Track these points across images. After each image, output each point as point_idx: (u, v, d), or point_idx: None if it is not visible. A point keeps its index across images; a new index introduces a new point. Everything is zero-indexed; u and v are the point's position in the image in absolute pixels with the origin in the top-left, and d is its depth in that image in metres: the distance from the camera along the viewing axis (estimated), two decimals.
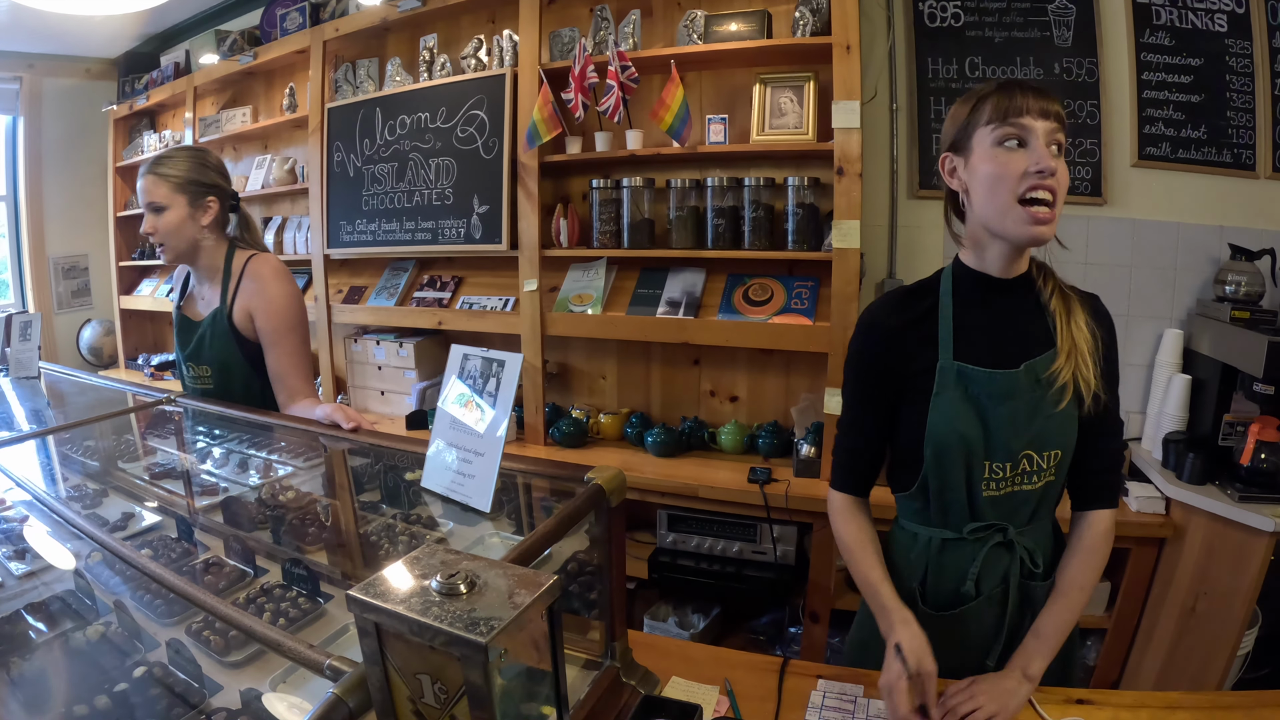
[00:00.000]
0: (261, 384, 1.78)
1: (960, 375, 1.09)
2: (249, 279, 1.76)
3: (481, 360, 0.92)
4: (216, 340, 1.77)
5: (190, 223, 1.74)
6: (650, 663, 1.09)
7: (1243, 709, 1.06)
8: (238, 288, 1.76)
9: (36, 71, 4.15)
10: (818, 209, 2.43)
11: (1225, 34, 2.29)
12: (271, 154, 3.70)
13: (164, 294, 4.22)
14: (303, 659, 0.59)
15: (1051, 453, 1.10)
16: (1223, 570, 1.91)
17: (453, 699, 0.46)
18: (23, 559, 1.33)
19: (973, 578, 1.12)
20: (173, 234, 1.73)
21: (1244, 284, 2.16)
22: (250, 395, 1.78)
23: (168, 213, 1.71)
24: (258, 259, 1.80)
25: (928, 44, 2.49)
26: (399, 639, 0.47)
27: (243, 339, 1.76)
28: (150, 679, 1.06)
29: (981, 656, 1.15)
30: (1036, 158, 1.01)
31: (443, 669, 0.46)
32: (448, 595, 0.48)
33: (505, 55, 2.78)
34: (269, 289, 1.75)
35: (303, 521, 1.47)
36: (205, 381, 1.82)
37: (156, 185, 1.70)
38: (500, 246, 2.77)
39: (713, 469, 2.48)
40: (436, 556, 0.53)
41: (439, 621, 0.45)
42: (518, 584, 0.50)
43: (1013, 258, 1.10)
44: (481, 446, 0.91)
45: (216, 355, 1.77)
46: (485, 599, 0.48)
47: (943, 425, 1.08)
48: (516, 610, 0.46)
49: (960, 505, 1.12)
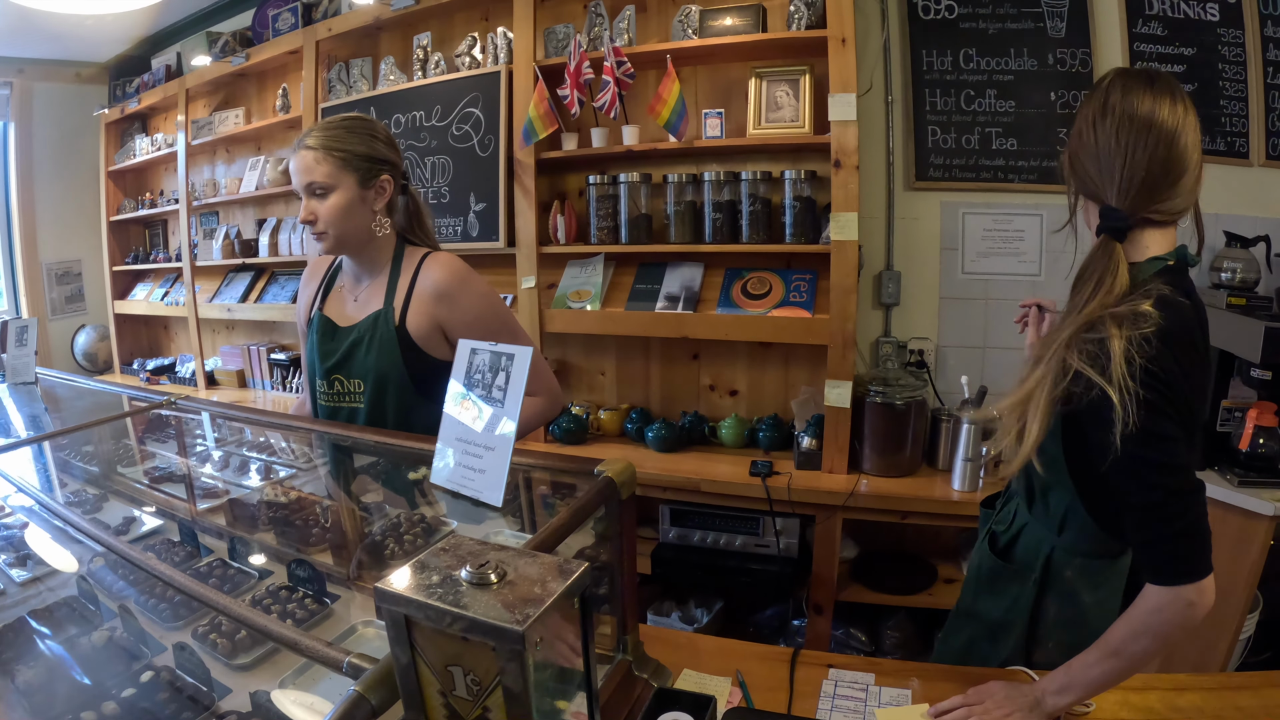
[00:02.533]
0: (415, 405, 1.49)
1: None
2: (430, 284, 1.47)
3: (490, 354, 0.92)
4: (379, 349, 1.47)
5: (362, 206, 1.45)
6: (660, 656, 1.09)
7: (1250, 689, 1.07)
8: (411, 291, 1.48)
9: (27, 76, 4.12)
10: (815, 202, 2.44)
11: (1217, 23, 2.30)
12: (265, 155, 3.68)
13: (159, 298, 4.20)
14: (321, 657, 0.58)
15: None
16: (1223, 555, 1.89)
17: (486, 690, 0.46)
18: (24, 566, 1.33)
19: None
20: (341, 220, 1.43)
21: (1239, 271, 2.17)
22: (401, 417, 1.49)
23: (334, 195, 1.42)
24: (435, 259, 1.50)
25: (922, 36, 2.49)
26: (429, 630, 0.47)
27: (414, 352, 1.47)
28: (158, 683, 1.05)
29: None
30: None
31: (476, 660, 0.46)
32: (478, 585, 0.48)
33: (500, 52, 2.77)
34: (464, 299, 1.47)
35: (306, 522, 1.46)
36: (355, 399, 1.51)
37: (319, 162, 1.41)
38: (498, 244, 2.77)
39: (714, 463, 2.48)
40: (463, 547, 0.52)
41: (472, 611, 0.45)
42: (547, 572, 0.49)
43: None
44: (492, 441, 0.91)
45: (375, 367, 1.47)
46: (517, 588, 0.47)
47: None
48: (551, 597, 0.46)
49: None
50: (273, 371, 3.73)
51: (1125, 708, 1.02)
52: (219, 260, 3.79)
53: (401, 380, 1.47)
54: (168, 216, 4.24)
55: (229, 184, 3.79)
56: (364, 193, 1.45)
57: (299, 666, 1.02)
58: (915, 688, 1.07)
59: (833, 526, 2.26)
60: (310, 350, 1.57)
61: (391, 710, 0.54)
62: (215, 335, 4.08)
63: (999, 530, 1.23)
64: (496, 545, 0.53)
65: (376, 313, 1.49)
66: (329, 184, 1.42)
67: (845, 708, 1.03)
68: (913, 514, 2.22)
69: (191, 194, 3.86)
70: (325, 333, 1.54)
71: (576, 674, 0.54)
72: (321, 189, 1.42)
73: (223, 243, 3.77)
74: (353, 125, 1.46)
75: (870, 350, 2.65)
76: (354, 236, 1.47)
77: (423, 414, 1.46)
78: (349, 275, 1.57)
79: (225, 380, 3.88)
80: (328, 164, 1.41)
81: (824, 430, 2.37)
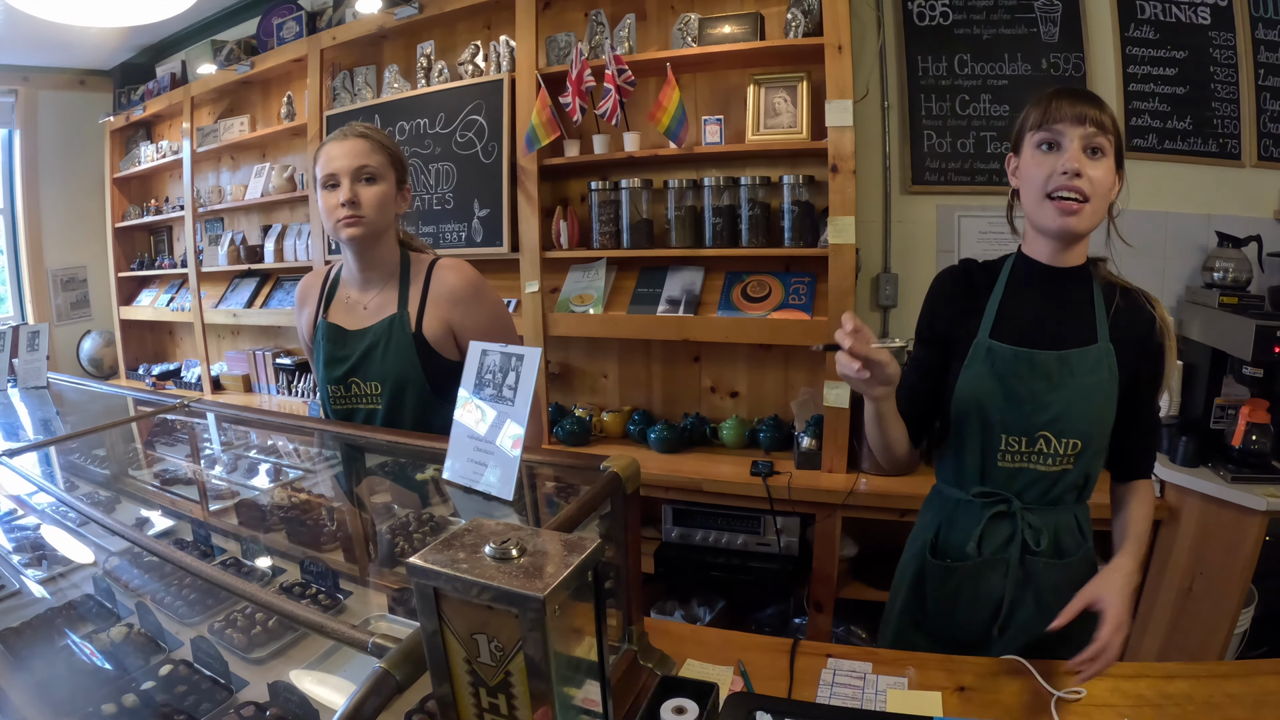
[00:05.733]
0: (431, 405, 1.53)
1: (989, 352, 1.19)
2: (445, 289, 1.52)
3: (500, 355, 0.96)
4: (396, 352, 1.51)
5: (391, 206, 1.50)
6: (664, 647, 1.12)
7: (1239, 677, 1.09)
8: (425, 296, 1.52)
9: (31, 84, 4.17)
10: (813, 206, 2.47)
11: (1208, 26, 2.34)
12: (270, 162, 3.73)
13: (164, 304, 4.23)
14: (347, 638, 0.62)
15: (1070, 440, 1.16)
16: (1217, 550, 1.95)
17: (509, 655, 0.50)
18: (40, 566, 1.36)
19: (974, 539, 1.22)
20: (380, 210, 1.47)
21: (1231, 270, 2.20)
22: (418, 418, 1.53)
23: (380, 185, 1.47)
24: (447, 265, 1.55)
25: (917, 42, 2.53)
26: (456, 601, 0.51)
27: (430, 354, 1.51)
28: (177, 676, 1.08)
29: (985, 625, 1.23)
30: (1064, 160, 1.10)
31: (500, 628, 0.50)
32: (502, 559, 0.52)
33: (502, 61, 2.81)
34: (477, 306, 1.53)
35: (317, 522, 1.50)
36: (372, 400, 1.54)
37: (372, 152, 1.46)
38: (501, 249, 2.80)
39: (715, 463, 2.51)
40: (485, 528, 0.56)
41: (498, 581, 0.48)
42: (563, 547, 0.53)
43: (1057, 247, 1.19)
44: (503, 438, 0.95)
45: (394, 369, 1.51)
46: (537, 561, 0.51)
47: (965, 393, 1.20)
48: (569, 568, 0.49)
49: (974, 469, 1.23)
50: (278, 376, 3.76)
51: (1116, 694, 1.05)
52: (224, 266, 3.83)
53: (419, 382, 1.51)
54: (173, 223, 4.28)
55: (234, 190, 3.83)
56: (397, 193, 1.52)
57: (314, 659, 1.05)
58: (911, 676, 1.10)
59: (833, 525, 2.29)
60: (320, 357, 1.59)
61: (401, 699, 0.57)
62: (220, 340, 4.12)
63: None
64: (516, 526, 0.56)
65: (391, 317, 1.52)
66: (379, 172, 1.47)
67: (844, 695, 1.06)
68: (911, 512, 2.23)
69: (197, 200, 3.90)
70: (335, 339, 1.56)
71: (590, 662, 0.57)
72: (371, 175, 1.46)
73: (228, 249, 3.81)
74: (388, 135, 1.54)
75: None
76: (382, 231, 1.51)
77: (439, 413, 1.50)
78: (353, 285, 1.58)
79: (230, 385, 3.92)
80: (380, 155, 1.47)
81: (823, 430, 2.41)
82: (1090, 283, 1.21)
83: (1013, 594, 1.21)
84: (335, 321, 1.57)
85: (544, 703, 0.52)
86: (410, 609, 0.92)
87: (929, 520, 1.32)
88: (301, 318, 1.67)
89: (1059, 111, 1.11)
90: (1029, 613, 1.21)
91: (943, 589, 1.26)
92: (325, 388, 1.59)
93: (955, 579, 1.24)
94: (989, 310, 1.22)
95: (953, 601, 1.25)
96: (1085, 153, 1.10)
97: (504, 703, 0.54)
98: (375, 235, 1.50)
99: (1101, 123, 1.11)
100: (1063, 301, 1.20)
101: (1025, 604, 1.21)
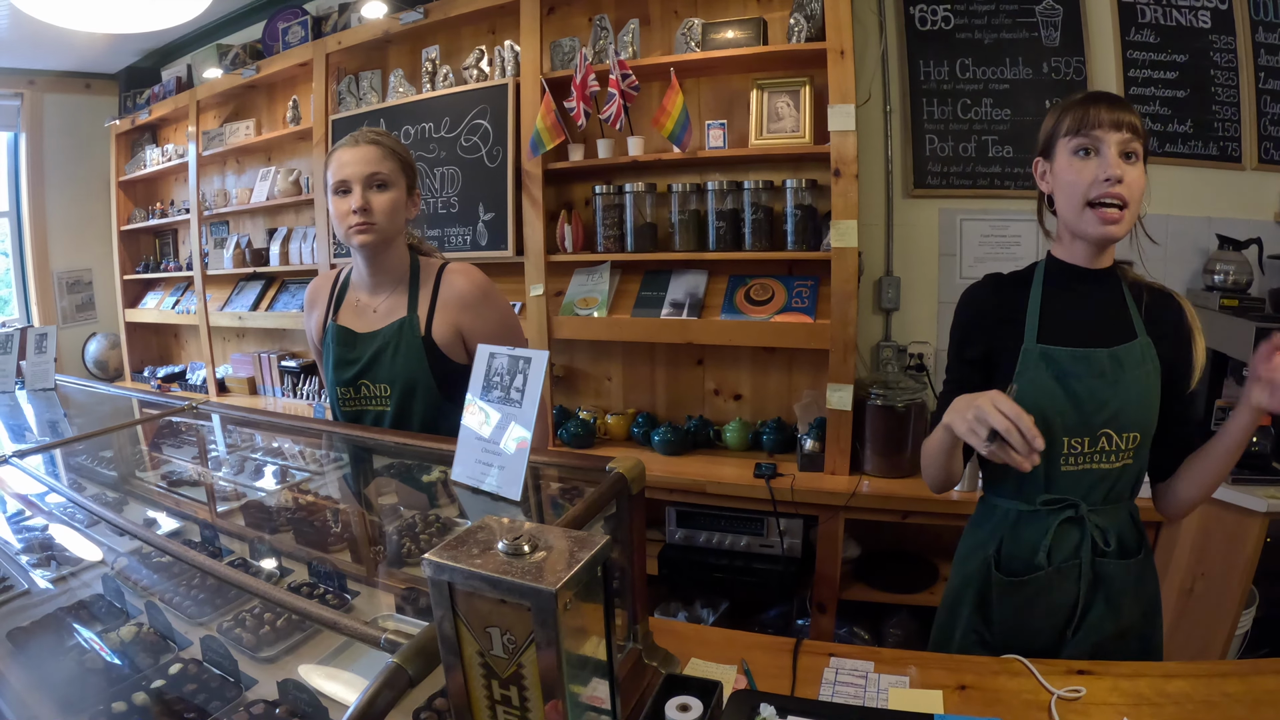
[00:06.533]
0: (440, 407, 1.55)
1: (1044, 356, 1.20)
2: (455, 293, 1.54)
3: (508, 358, 0.97)
4: (405, 355, 1.52)
5: (401, 212, 1.52)
6: (669, 646, 1.13)
7: (1238, 676, 1.10)
8: (435, 300, 1.54)
9: (37, 88, 4.20)
10: (816, 210, 2.49)
11: (1209, 30, 2.35)
12: (275, 166, 3.75)
13: (169, 306, 4.26)
14: (360, 634, 0.63)
15: (1130, 434, 1.18)
16: (1218, 552, 1.96)
17: (521, 648, 0.51)
18: (49, 566, 1.37)
19: (1044, 549, 1.20)
20: (391, 217, 1.48)
21: (1232, 273, 2.21)
22: (427, 420, 1.55)
23: (391, 191, 1.48)
24: (457, 269, 1.57)
25: (919, 47, 2.55)
26: (471, 595, 0.52)
27: (439, 357, 1.53)
28: (186, 674, 1.09)
29: (1058, 631, 1.23)
30: (1106, 166, 1.12)
31: (513, 621, 0.51)
32: (514, 555, 0.53)
33: (507, 65, 2.83)
34: (486, 310, 1.55)
35: (324, 523, 1.51)
36: (381, 402, 1.56)
37: (384, 158, 1.48)
38: (506, 253, 2.82)
39: (719, 466, 2.53)
40: (497, 526, 0.58)
41: (511, 575, 0.50)
42: (573, 544, 0.55)
43: (1094, 252, 1.22)
44: (510, 440, 0.96)
45: (403, 372, 1.52)
46: (548, 556, 0.53)
47: (1025, 401, 1.14)
48: (579, 563, 0.51)
49: (1037, 477, 1.21)
50: (283, 378, 3.78)
51: (1115, 693, 1.06)
52: (230, 269, 3.86)
53: (428, 384, 1.53)
54: (178, 226, 4.30)
55: (239, 194, 3.85)
56: (407, 199, 1.53)
57: (323, 658, 1.06)
58: (913, 674, 1.11)
59: (835, 527, 2.30)
60: (330, 359, 1.60)
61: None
62: (226, 343, 4.14)
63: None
64: (527, 523, 0.58)
65: (401, 320, 1.53)
66: (390, 179, 1.48)
67: (846, 693, 1.07)
68: (913, 514, 2.26)
69: (202, 204, 3.92)
70: (345, 341, 1.57)
71: (598, 660, 0.59)
72: (382, 182, 1.47)
73: (233, 252, 3.83)
74: (398, 141, 1.54)
75: (871, 354, 2.70)
76: (392, 237, 1.52)
77: (447, 416, 1.52)
78: (363, 288, 1.60)
79: (236, 387, 3.94)
80: (392, 162, 1.49)
81: (826, 433, 2.42)
82: (1120, 282, 1.24)
83: (1086, 598, 1.21)
84: (345, 324, 1.59)
85: (554, 695, 0.54)
86: (418, 608, 0.93)
87: (985, 536, 1.29)
88: (311, 320, 1.69)
89: (1097, 117, 1.13)
90: (1099, 612, 1.21)
91: (1012, 602, 1.24)
92: (334, 390, 1.61)
93: (1027, 591, 1.22)
94: (1030, 317, 1.22)
95: (1026, 613, 1.23)
96: (1121, 158, 1.12)
97: (516, 694, 0.56)
98: (386, 241, 1.51)
99: (1136, 128, 1.13)
100: (1099, 302, 1.22)
101: (1096, 605, 1.21)
